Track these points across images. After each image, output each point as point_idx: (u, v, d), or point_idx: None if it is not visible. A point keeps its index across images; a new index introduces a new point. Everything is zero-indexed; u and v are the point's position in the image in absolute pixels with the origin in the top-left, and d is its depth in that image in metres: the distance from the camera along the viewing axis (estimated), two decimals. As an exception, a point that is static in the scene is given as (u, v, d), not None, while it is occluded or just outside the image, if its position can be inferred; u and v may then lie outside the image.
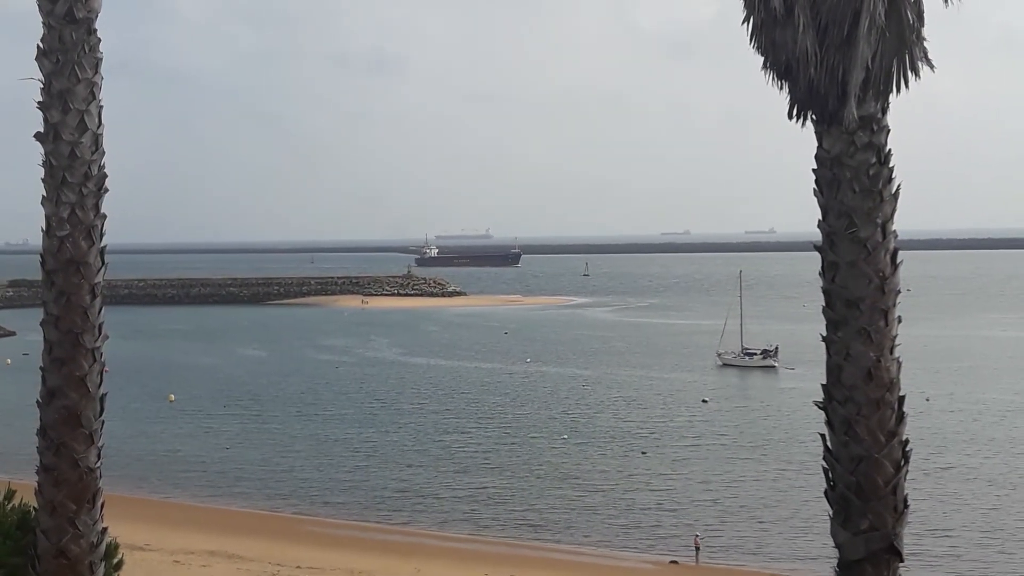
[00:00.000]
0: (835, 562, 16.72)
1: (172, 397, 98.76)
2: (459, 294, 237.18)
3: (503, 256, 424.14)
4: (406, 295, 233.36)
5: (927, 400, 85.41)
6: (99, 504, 17.45)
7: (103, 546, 17.64)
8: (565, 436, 79.71)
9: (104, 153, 17.36)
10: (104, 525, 17.64)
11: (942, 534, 53.97)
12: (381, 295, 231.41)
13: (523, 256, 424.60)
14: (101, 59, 17.24)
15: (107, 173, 17.39)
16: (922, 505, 55.26)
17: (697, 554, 51.86)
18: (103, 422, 17.46)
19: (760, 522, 57.88)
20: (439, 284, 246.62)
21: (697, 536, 52.93)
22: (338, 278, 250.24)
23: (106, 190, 17.36)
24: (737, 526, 57.26)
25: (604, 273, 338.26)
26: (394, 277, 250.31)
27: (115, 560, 25.27)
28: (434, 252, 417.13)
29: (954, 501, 60.06)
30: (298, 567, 46.34)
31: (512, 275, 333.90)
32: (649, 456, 73.08)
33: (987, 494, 61.68)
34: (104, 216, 17.36)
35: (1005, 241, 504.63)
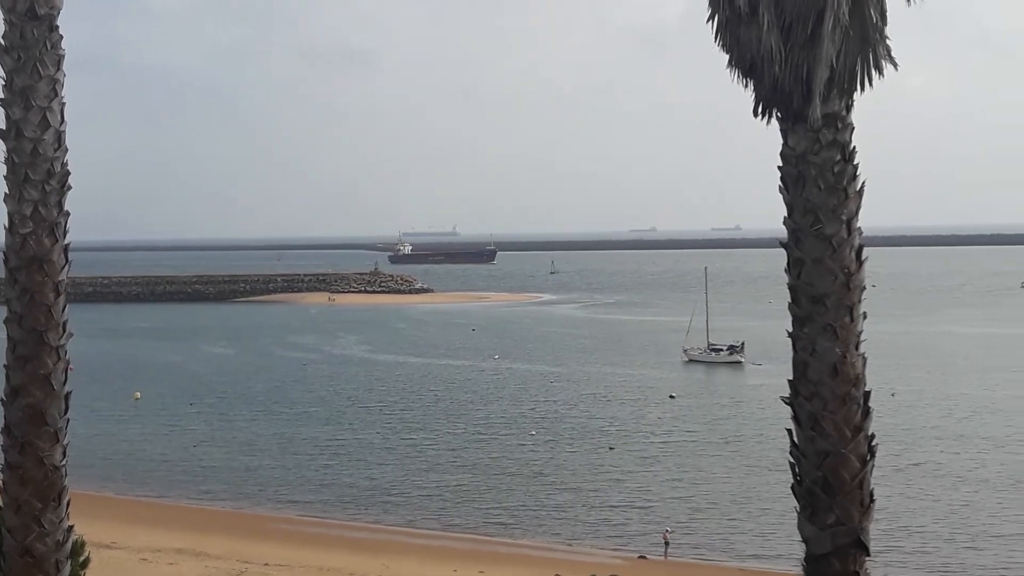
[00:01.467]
0: (802, 556, 16.83)
1: (138, 395, 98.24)
2: (427, 291, 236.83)
3: (478, 253, 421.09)
4: (373, 292, 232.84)
5: (892, 395, 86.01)
6: (65, 502, 17.36)
7: (69, 544, 17.55)
8: (533, 432, 79.81)
9: (67, 150, 17.28)
10: (70, 523, 17.55)
11: (910, 530, 54.31)
12: (348, 292, 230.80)
13: (498, 253, 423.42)
14: (63, 56, 17.15)
15: (70, 170, 17.31)
16: (890, 501, 55.68)
17: (666, 549, 52.08)
18: (68, 420, 17.36)
19: (728, 517, 58.16)
20: (406, 281, 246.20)
21: (667, 531, 53.13)
22: (305, 275, 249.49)
23: (69, 187, 17.27)
24: (705, 521, 57.50)
25: (572, 270, 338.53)
26: (361, 274, 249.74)
27: (81, 558, 25.15)
28: (407, 249, 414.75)
29: (922, 497, 60.46)
30: (266, 564, 46.21)
31: (488, 272, 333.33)
32: (617, 452, 73.29)
33: (955, 490, 62.06)
34: (67, 213, 17.27)
35: (970, 238, 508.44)
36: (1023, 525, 55.17)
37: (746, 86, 16.17)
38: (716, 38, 16.12)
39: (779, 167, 16.58)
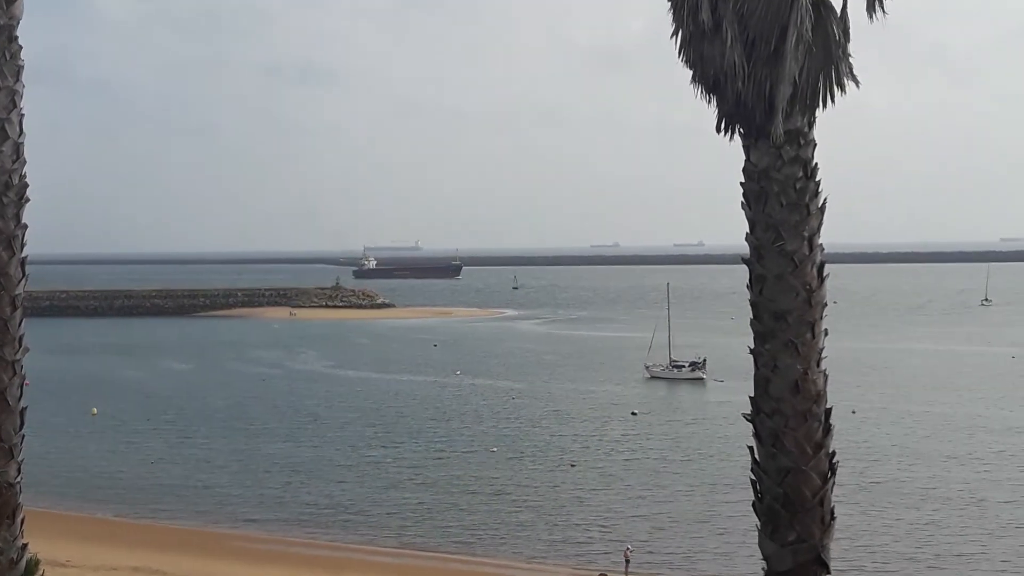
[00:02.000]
0: (763, 574, 16.80)
1: (95, 411, 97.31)
2: (389, 306, 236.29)
3: (444, 268, 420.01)
4: (335, 307, 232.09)
5: (853, 413, 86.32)
6: (19, 520, 17.11)
7: (23, 562, 17.30)
8: (495, 449, 79.63)
9: (25, 162, 17.06)
10: (24, 541, 17.30)
11: (871, 548, 54.41)
12: (309, 307, 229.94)
13: (464, 268, 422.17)
14: (22, 67, 16.95)
15: (28, 183, 17.09)
16: (851, 519, 55.84)
17: (627, 566, 51.96)
18: (23, 436, 17.13)
19: (690, 535, 58.11)
20: (368, 296, 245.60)
21: (628, 549, 53.03)
22: (265, 289, 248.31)
23: (27, 200, 17.06)
24: (667, 539, 57.43)
25: (534, 286, 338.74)
26: (322, 289, 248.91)
27: (35, 577, 24.81)
28: (372, 264, 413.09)
29: (884, 515, 60.50)
30: (224, 582, 45.84)
31: (450, 287, 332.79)
32: (579, 469, 73.21)
33: (917, 509, 62.16)
34: (25, 226, 17.05)
35: (931, 255, 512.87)
36: (984, 544, 55.37)
37: (709, 102, 16.22)
38: (680, 54, 16.16)
39: (741, 183, 16.62)
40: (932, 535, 57.03)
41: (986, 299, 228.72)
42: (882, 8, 15.64)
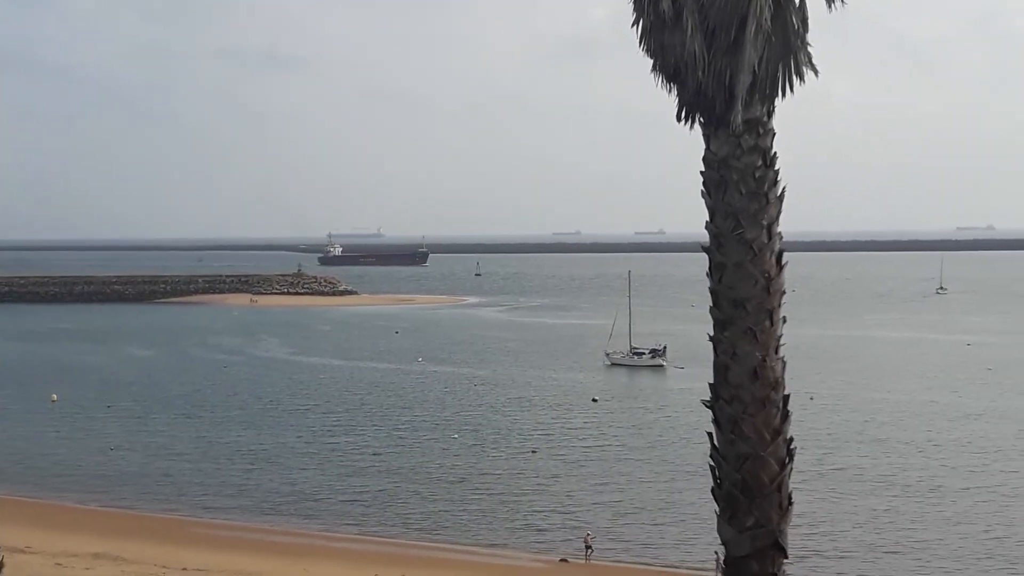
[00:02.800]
0: (722, 558, 16.97)
1: (55, 397, 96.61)
2: (351, 293, 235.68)
3: (410, 255, 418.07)
4: (296, 293, 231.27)
5: (811, 399, 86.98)
6: (-23, 507, 17.02)
7: (-19, 550, 17.22)
8: (456, 436, 79.68)
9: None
10: (-18, 528, 17.22)
11: (831, 535, 54.78)
12: (271, 293, 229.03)
13: (430, 255, 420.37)
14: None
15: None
16: (810, 505, 56.28)
17: (587, 552, 52.17)
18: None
19: (651, 522, 58.28)
20: (330, 283, 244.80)
21: (588, 535, 53.22)
22: (227, 276, 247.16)
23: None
24: (628, 525, 57.60)
25: (496, 273, 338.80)
26: (284, 275, 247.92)
27: (-6, 564, 24.71)
28: (338, 251, 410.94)
29: (842, 501, 60.86)
30: (184, 569, 45.70)
31: (412, 275, 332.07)
32: (540, 455, 73.34)
33: (875, 495, 62.63)
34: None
35: (890, 244, 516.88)
36: (942, 531, 55.87)
37: (669, 91, 16.30)
38: (640, 43, 16.23)
39: (701, 172, 16.72)
40: (891, 521, 57.44)
41: (941, 287, 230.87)
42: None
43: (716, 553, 50.76)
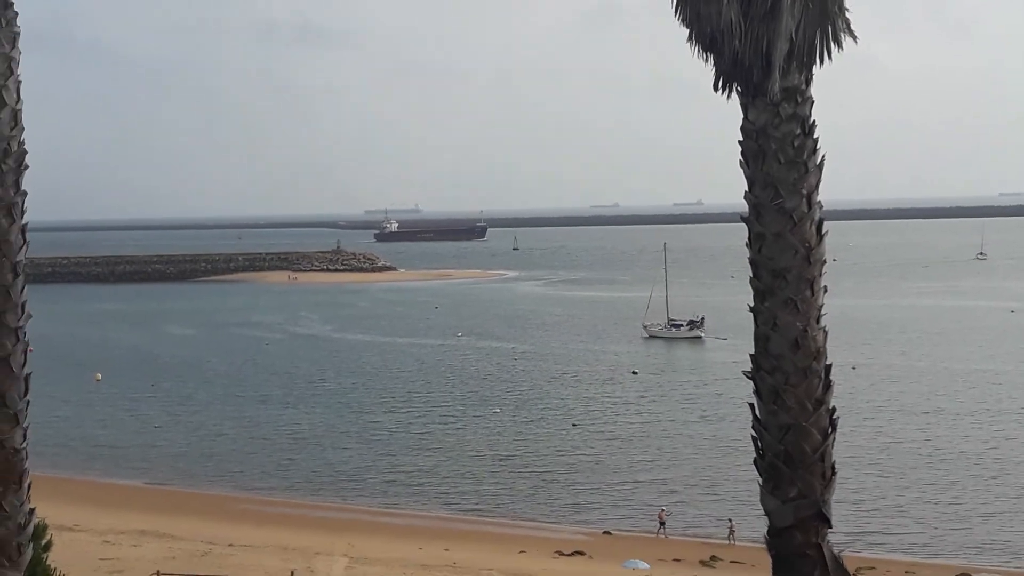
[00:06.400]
0: (765, 529, 16.94)
1: (99, 376, 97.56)
2: (390, 269, 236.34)
3: (468, 230, 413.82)
4: (335, 270, 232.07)
5: (853, 369, 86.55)
6: (26, 485, 17.18)
7: (31, 527, 17.39)
8: (497, 410, 79.85)
9: (23, 129, 17.00)
10: (31, 506, 17.39)
11: (875, 506, 54.59)
12: (310, 270, 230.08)
13: (489, 230, 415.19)
14: (18, 33, 16.84)
15: (27, 149, 17.06)
16: (857, 473, 56.12)
17: (661, 528, 51.95)
18: (28, 402, 17.17)
19: (693, 496, 58.30)
20: (368, 259, 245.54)
21: (663, 510, 53.07)
22: (266, 254, 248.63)
23: (26, 167, 17.02)
24: (667, 496, 57.56)
25: (534, 247, 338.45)
26: (323, 252, 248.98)
27: (44, 541, 24.98)
28: (394, 226, 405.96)
29: (888, 473, 60.61)
30: (230, 545, 46.03)
31: (457, 250, 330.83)
32: (579, 429, 73.39)
33: (917, 464, 62.40)
34: (25, 193, 17.02)
35: (931, 211, 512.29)
36: (985, 503, 55.42)
37: (706, 60, 16.18)
38: (676, 12, 16.12)
39: (740, 141, 16.61)
40: (940, 493, 57.15)
41: (981, 253, 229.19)
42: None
43: (730, 520, 51.02)
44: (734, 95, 16.39)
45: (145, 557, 41.79)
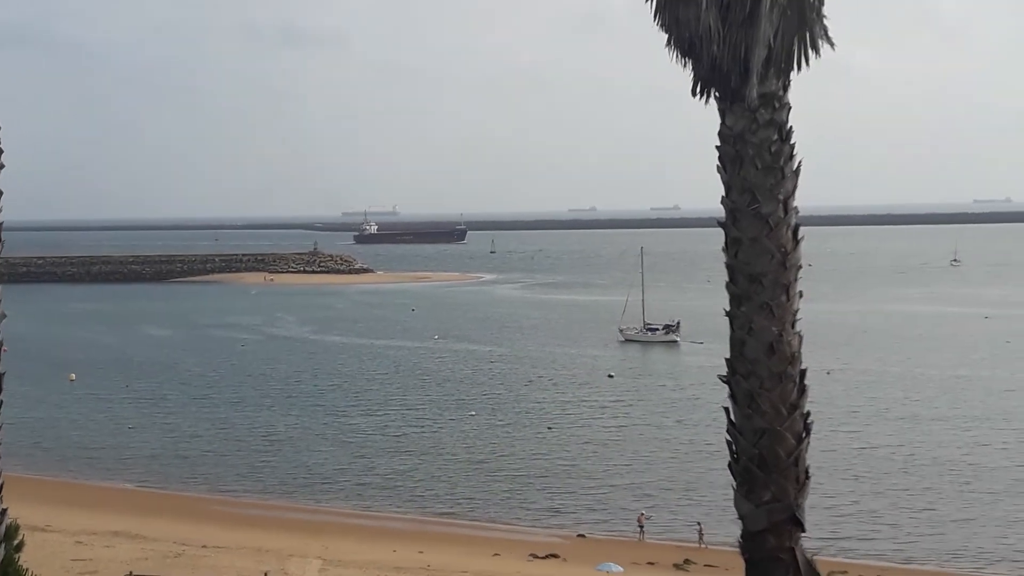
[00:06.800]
0: (738, 533, 16.98)
1: (73, 377, 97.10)
2: (367, 271, 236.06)
3: (448, 232, 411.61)
4: (312, 272, 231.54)
5: (828, 374, 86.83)
6: (-2, 485, 17.12)
7: (3, 527, 17.34)
8: (473, 413, 79.79)
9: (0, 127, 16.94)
10: (4, 506, 17.34)
11: (848, 510, 54.74)
12: (287, 272, 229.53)
13: (468, 232, 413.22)
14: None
15: (3, 148, 17.01)
16: (829, 478, 56.26)
17: (641, 532, 51.93)
18: (1, 402, 17.11)
19: (669, 500, 58.34)
20: (346, 261, 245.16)
21: (642, 514, 53.04)
22: (243, 255, 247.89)
23: (1, 166, 16.98)
24: (642, 500, 57.60)
25: (512, 250, 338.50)
26: (299, 254, 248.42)
27: (16, 542, 24.81)
28: (374, 228, 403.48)
29: (861, 478, 60.78)
30: (204, 546, 45.86)
31: (435, 253, 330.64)
32: (555, 432, 73.40)
33: (891, 470, 62.58)
34: (0, 192, 16.98)
35: (907, 217, 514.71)
36: (960, 509, 55.60)
37: (685, 66, 16.22)
38: (655, 17, 16.15)
39: (717, 147, 16.67)
40: (912, 497, 57.36)
41: (955, 259, 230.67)
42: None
43: (699, 523, 51.19)
44: (712, 101, 16.45)
45: (118, 558, 41.62)
